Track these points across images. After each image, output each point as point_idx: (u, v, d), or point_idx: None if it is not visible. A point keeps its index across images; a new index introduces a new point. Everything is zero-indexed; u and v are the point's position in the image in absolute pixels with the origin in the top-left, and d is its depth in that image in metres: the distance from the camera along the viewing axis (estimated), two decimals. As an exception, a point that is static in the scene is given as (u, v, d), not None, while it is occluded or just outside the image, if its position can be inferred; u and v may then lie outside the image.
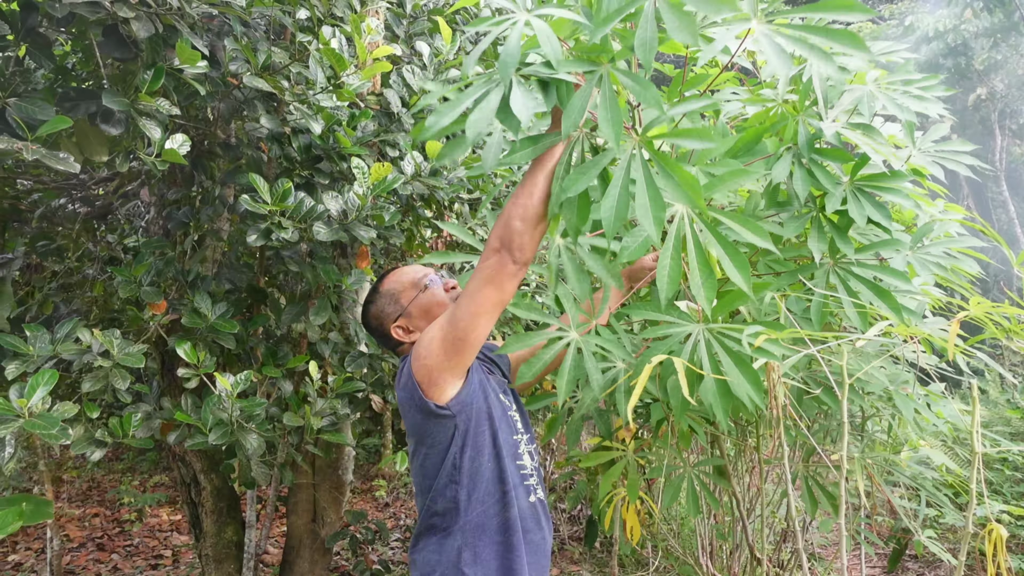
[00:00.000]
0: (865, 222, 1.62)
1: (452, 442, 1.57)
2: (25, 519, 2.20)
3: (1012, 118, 13.22)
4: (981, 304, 1.29)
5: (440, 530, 1.62)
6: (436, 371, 1.52)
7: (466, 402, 1.57)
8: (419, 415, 1.57)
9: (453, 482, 1.58)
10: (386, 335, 1.77)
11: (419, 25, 2.95)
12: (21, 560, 4.49)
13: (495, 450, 1.62)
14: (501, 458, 1.62)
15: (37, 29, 1.94)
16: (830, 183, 1.61)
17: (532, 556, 1.65)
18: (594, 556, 4.53)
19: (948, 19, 10.81)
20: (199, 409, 2.34)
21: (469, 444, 1.58)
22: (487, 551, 1.58)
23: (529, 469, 1.72)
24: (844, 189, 1.66)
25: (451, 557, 1.58)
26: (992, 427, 5.59)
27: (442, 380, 1.53)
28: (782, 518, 2.93)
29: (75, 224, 2.93)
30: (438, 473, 1.59)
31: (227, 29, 2.32)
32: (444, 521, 1.61)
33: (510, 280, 1.42)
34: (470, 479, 1.59)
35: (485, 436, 1.61)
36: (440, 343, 1.50)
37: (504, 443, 1.64)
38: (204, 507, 2.91)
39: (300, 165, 2.53)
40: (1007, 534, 1.43)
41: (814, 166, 1.60)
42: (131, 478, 6.43)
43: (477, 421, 1.59)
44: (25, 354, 2.06)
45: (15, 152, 1.73)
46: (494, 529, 1.60)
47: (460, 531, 1.58)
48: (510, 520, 1.61)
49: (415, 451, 1.66)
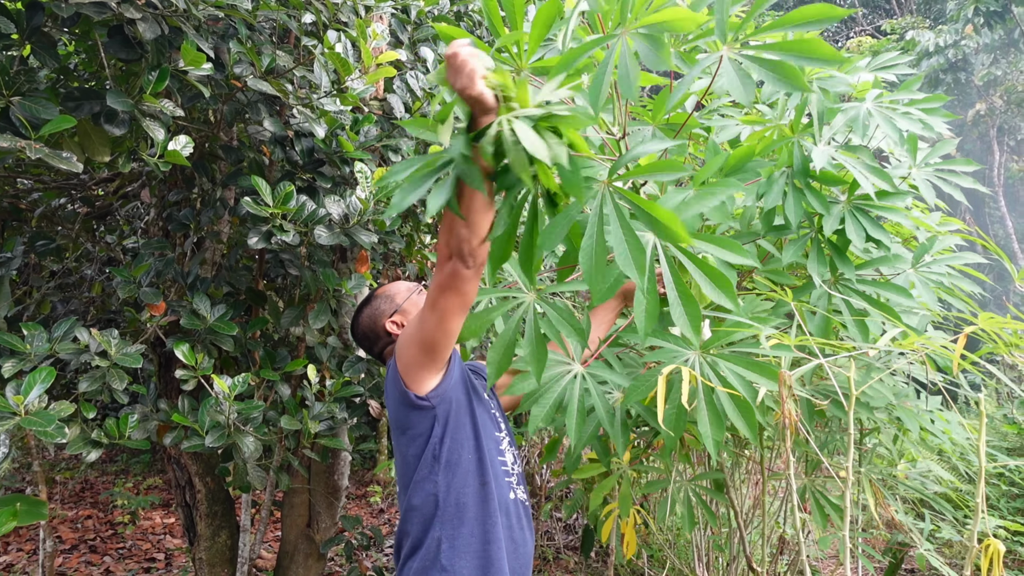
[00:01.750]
0: (864, 242, 1.62)
1: (432, 432, 1.62)
2: (19, 519, 2.18)
3: (1010, 134, 13.28)
4: (993, 319, 1.29)
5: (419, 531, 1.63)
6: (414, 365, 1.59)
7: (446, 395, 1.63)
8: (402, 407, 1.64)
9: (433, 472, 1.62)
10: (378, 335, 1.85)
11: (423, 31, 2.96)
12: (13, 561, 4.46)
13: (476, 442, 1.66)
14: (481, 450, 1.66)
15: (42, 28, 1.94)
16: (823, 206, 1.60)
17: (512, 550, 1.67)
18: (590, 566, 4.51)
19: (948, 34, 10.87)
20: (196, 411, 2.33)
21: (449, 435, 1.63)
22: (465, 540, 1.60)
23: (510, 467, 1.75)
24: (842, 208, 1.65)
25: (431, 549, 1.60)
26: (988, 443, 5.58)
27: (421, 373, 1.60)
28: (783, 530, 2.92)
29: (75, 224, 2.92)
30: (419, 464, 1.64)
31: (232, 32, 2.32)
32: (422, 516, 1.63)
33: (468, 283, 1.44)
34: (449, 468, 1.62)
35: (466, 428, 1.65)
36: (415, 341, 1.57)
37: (485, 436, 1.67)
38: (198, 510, 2.89)
39: (302, 169, 2.53)
40: (1004, 549, 1.43)
41: (807, 189, 1.60)
42: (125, 480, 6.40)
43: (457, 413, 1.65)
44: (22, 352, 2.05)
45: (18, 150, 1.73)
46: (472, 518, 1.62)
47: (439, 521, 1.60)
48: (489, 511, 1.63)
49: (398, 442, 1.70)
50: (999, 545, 1.41)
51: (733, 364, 1.42)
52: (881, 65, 1.88)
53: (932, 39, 10.96)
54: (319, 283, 2.65)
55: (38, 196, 2.93)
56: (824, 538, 2.40)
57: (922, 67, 11.10)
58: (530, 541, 1.76)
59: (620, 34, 1.16)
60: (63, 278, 3.19)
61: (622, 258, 1.16)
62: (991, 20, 10.19)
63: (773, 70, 1.16)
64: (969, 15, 10.36)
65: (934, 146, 1.89)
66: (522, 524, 1.73)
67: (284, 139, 2.51)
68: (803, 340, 1.47)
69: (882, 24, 13.22)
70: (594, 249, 1.18)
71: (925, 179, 1.84)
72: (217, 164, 2.75)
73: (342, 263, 2.96)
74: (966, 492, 3.00)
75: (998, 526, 3.32)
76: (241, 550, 2.99)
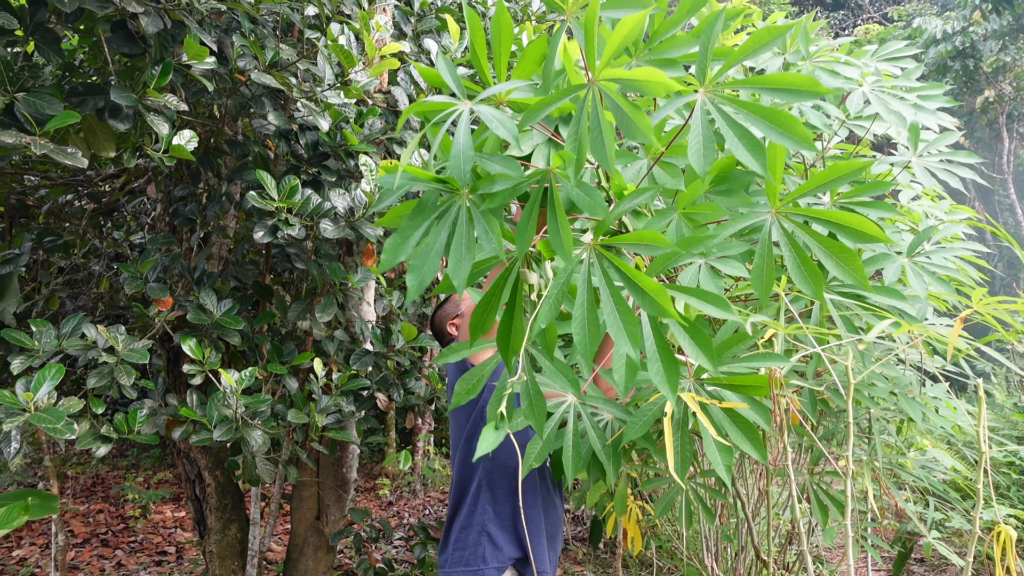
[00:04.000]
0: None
1: (480, 399, 1.86)
2: (31, 514, 2.20)
3: (1020, 121, 13.16)
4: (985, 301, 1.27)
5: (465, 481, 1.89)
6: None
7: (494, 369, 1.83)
8: (459, 374, 1.87)
9: (477, 430, 1.85)
10: (442, 333, 2.15)
11: (427, 23, 2.95)
12: (26, 555, 4.50)
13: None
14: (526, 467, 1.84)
15: (46, 24, 1.94)
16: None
17: (546, 509, 1.90)
18: (598, 557, 4.52)
19: (956, 21, 10.77)
20: (204, 405, 2.34)
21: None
22: (503, 491, 1.85)
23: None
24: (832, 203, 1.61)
25: (475, 497, 1.86)
26: (998, 431, 5.56)
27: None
28: (787, 520, 2.92)
29: (82, 220, 2.93)
30: (466, 424, 1.89)
31: (235, 25, 2.32)
32: (469, 469, 1.87)
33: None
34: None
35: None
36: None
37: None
38: (208, 504, 2.91)
39: (307, 162, 2.53)
40: (1015, 535, 1.42)
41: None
42: (135, 474, 6.44)
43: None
44: (31, 349, 2.06)
45: (23, 146, 1.73)
46: (511, 473, 1.85)
47: (483, 473, 1.86)
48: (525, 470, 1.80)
49: (454, 415, 1.96)
50: (1011, 532, 1.40)
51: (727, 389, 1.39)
52: (886, 56, 1.86)
53: (940, 26, 10.86)
54: (325, 277, 2.66)
55: (45, 193, 2.94)
56: (830, 529, 2.39)
57: (930, 54, 11.00)
58: (560, 507, 1.99)
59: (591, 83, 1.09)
60: (71, 274, 3.21)
61: (615, 330, 1.12)
62: (999, 6, 10.09)
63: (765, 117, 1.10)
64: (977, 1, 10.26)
65: (939, 135, 1.86)
66: (556, 490, 1.97)
67: (288, 133, 2.51)
68: (797, 328, 1.45)
69: (889, 11, 13.11)
70: (586, 319, 1.15)
71: (924, 168, 1.82)
72: (222, 159, 2.76)
73: (348, 256, 2.96)
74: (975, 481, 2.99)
75: (1008, 515, 3.31)
76: (251, 543, 3.01)
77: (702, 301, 1.20)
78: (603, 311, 1.13)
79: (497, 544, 1.83)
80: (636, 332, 1.12)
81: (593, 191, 1.14)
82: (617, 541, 2.74)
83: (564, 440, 1.56)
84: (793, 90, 1.10)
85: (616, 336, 1.12)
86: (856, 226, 1.21)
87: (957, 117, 11.98)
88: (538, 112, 1.10)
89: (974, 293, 1.55)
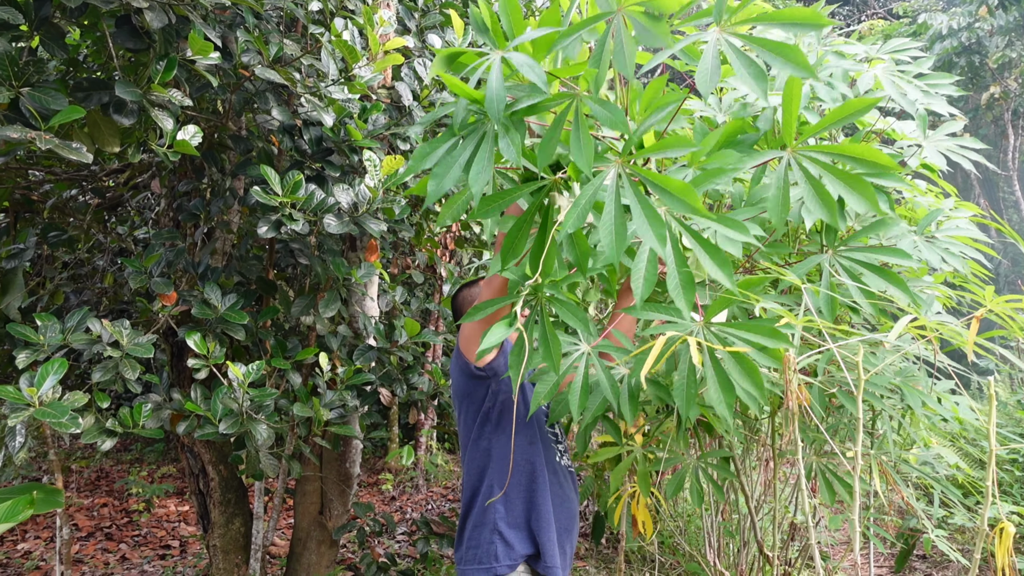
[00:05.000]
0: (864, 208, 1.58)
1: (486, 398, 1.92)
2: (36, 508, 2.21)
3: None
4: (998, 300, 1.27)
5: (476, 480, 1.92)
6: (472, 342, 1.86)
7: (499, 370, 1.92)
8: (463, 376, 1.93)
9: (486, 431, 1.91)
10: (460, 314, 2.18)
11: (431, 18, 2.94)
12: (31, 548, 4.52)
13: (525, 409, 1.91)
14: (531, 415, 1.90)
15: (50, 19, 1.94)
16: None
17: (559, 504, 1.93)
18: (600, 552, 4.53)
19: (962, 17, 10.70)
20: (208, 400, 2.35)
21: (500, 401, 1.92)
22: (514, 488, 1.88)
23: (559, 435, 2.06)
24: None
25: (486, 494, 1.89)
26: (1002, 427, 5.55)
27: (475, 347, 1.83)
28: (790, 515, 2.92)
29: (86, 215, 2.94)
30: (475, 424, 1.93)
31: (239, 20, 2.32)
32: (479, 467, 1.91)
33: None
34: (500, 428, 1.91)
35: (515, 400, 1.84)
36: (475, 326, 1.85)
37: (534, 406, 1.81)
38: (212, 498, 2.92)
39: (311, 158, 2.53)
40: (1014, 530, 1.42)
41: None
42: (139, 468, 6.47)
43: (508, 386, 1.93)
44: (36, 343, 2.07)
45: (28, 141, 1.73)
46: (520, 470, 1.89)
47: (492, 470, 1.89)
48: (535, 465, 1.90)
49: (458, 409, 2.00)
50: (1010, 527, 1.40)
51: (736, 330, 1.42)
52: (893, 50, 1.85)
53: (945, 21, 10.81)
54: (329, 272, 2.66)
55: (50, 187, 2.95)
56: (835, 518, 2.39)
57: (935, 50, 10.95)
58: (575, 501, 2.02)
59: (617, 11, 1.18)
60: (75, 269, 3.22)
61: (643, 231, 1.19)
62: (1006, 1, 10.04)
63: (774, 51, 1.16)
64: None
65: (947, 121, 1.87)
66: (569, 484, 2.01)
67: (292, 128, 2.51)
68: (810, 320, 1.45)
69: (894, 6, 13.06)
70: (614, 224, 1.22)
71: (935, 148, 1.82)
72: (226, 154, 2.76)
73: (352, 252, 2.96)
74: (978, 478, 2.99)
75: (1011, 512, 3.31)
76: (254, 537, 3.02)
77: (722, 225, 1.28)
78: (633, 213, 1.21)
79: (509, 542, 1.87)
80: (662, 232, 1.19)
81: (614, 107, 1.21)
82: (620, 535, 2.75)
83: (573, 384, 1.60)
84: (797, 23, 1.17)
85: (642, 232, 1.19)
86: (867, 156, 1.29)
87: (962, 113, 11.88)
88: (572, 33, 1.20)
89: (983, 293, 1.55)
